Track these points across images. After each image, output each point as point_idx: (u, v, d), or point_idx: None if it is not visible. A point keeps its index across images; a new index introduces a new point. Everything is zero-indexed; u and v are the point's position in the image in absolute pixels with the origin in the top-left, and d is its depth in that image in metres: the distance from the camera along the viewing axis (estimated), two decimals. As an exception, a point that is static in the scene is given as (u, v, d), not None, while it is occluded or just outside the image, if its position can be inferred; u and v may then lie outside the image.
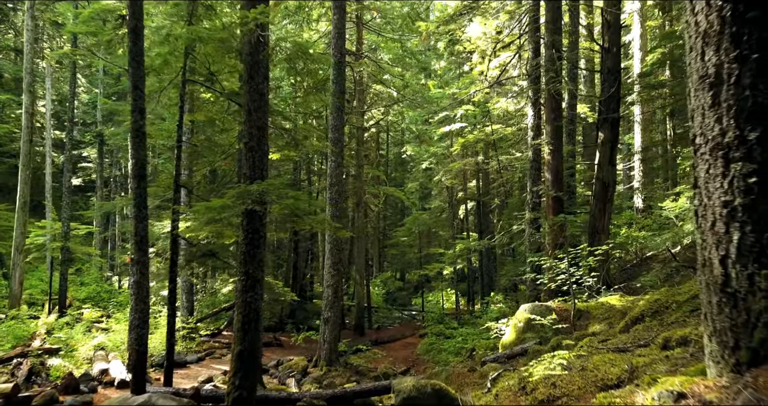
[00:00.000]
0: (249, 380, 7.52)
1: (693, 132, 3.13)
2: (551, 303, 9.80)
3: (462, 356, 16.27)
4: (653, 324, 6.01)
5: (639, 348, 4.80)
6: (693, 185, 3.11)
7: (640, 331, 5.88)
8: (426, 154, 25.32)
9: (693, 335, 3.92)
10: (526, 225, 14.06)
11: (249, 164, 7.85)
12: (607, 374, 3.91)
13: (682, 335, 4.05)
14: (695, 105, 3.11)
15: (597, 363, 4.25)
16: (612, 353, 4.65)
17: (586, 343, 6.08)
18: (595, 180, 13.60)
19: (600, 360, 4.31)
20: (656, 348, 4.25)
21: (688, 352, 3.71)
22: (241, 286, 7.75)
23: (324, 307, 14.99)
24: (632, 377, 3.71)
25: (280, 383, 13.53)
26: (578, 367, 4.27)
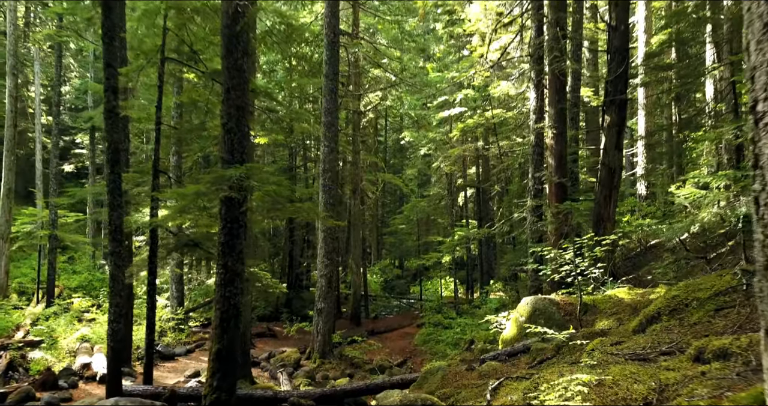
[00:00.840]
0: (228, 382, 6.89)
1: (753, 96, 2.42)
2: (555, 296, 9.14)
3: (460, 347, 15.68)
4: (672, 324, 5.35)
5: (662, 356, 4.14)
6: (753, 165, 2.41)
7: (659, 332, 5.21)
8: (424, 140, 24.55)
9: (734, 347, 3.27)
10: (528, 213, 13.37)
11: (227, 147, 7.15)
12: (630, 392, 3.25)
13: (721, 347, 3.38)
14: (757, 62, 2.40)
15: (616, 377, 3.59)
16: (632, 364, 3.99)
17: (597, 345, 5.42)
18: (601, 166, 12.88)
19: (619, 373, 3.65)
20: (686, 360, 3.58)
21: (730, 369, 3.06)
22: (219, 280, 7.09)
23: (317, 297, 14.37)
24: (662, 397, 3.06)
25: (270, 377, 12.94)
26: (593, 381, 3.61)
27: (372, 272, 31.50)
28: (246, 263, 9.97)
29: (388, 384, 8.33)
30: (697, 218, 8.86)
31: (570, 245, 8.62)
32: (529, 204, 13.39)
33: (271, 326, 19.33)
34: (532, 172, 13.48)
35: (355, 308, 20.51)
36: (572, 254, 8.66)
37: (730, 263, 9.29)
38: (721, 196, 7.96)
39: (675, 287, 6.29)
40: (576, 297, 9.03)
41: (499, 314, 10.24)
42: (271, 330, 18.05)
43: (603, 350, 4.99)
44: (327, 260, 14.27)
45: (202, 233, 9.52)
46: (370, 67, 22.67)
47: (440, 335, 16.86)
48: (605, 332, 6.94)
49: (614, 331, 6.93)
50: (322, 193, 14.41)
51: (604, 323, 7.74)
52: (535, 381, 4.11)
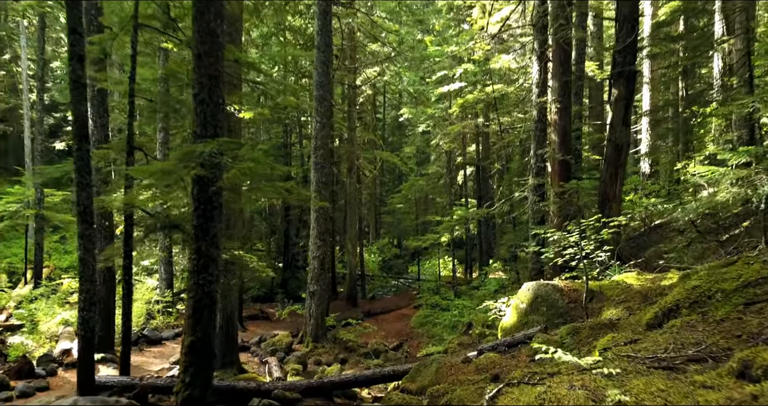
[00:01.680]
0: (202, 377, 6.27)
1: None
2: (558, 281, 8.49)
3: (458, 331, 15.15)
4: (694, 320, 4.69)
5: (692, 364, 3.48)
6: None
7: (680, 330, 4.56)
8: (423, 117, 23.70)
9: (794, 363, 2.62)
10: (529, 192, 12.67)
11: (199, 120, 6.41)
12: (663, 420, 2.61)
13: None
14: None
15: (641, 394, 2.93)
16: (657, 374, 3.33)
17: (609, 343, 4.76)
18: (607, 142, 12.13)
19: (644, 389, 2.99)
20: (726, 375, 2.92)
21: (793, 394, 2.41)
22: (192, 266, 6.43)
23: (310, 279, 13.76)
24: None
25: (261, 362, 12.40)
26: (611, 400, 2.96)
27: (370, 251, 30.92)
28: (232, 246, 9.33)
29: (379, 376, 7.74)
30: (715, 197, 8.16)
31: (575, 227, 7.93)
32: (530, 183, 12.68)
33: (265, 307, 18.79)
34: (534, 149, 12.74)
35: (351, 288, 19.95)
36: (577, 236, 7.98)
37: (746, 246, 8.63)
38: (741, 173, 7.25)
39: (695, 275, 5.62)
40: (581, 283, 8.39)
41: (498, 300, 9.62)
42: (264, 312, 17.50)
43: (617, 350, 4.33)
44: (319, 241, 13.62)
45: (181, 214, 8.84)
46: (367, 42, 21.73)
47: (437, 318, 16.32)
48: (614, 324, 6.29)
49: (624, 322, 6.28)
50: (314, 172, 13.69)
51: (612, 312, 7.10)
52: (540, 397, 3.45)
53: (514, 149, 22.93)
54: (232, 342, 10.93)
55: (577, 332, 6.42)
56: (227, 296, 10.88)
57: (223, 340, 10.80)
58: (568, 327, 6.60)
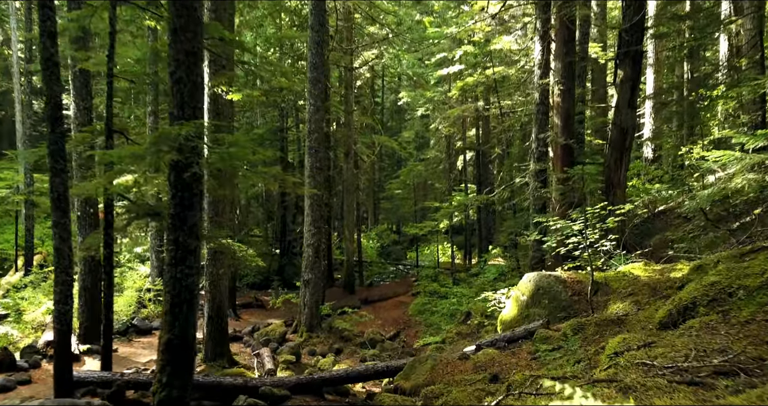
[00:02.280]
0: (180, 378, 5.83)
1: None
2: (561, 272, 8.03)
3: (456, 320, 14.74)
4: (715, 321, 4.22)
5: (720, 378, 3.02)
6: None
7: (699, 332, 4.09)
8: (422, 100, 23.07)
9: None
10: (530, 178, 12.17)
11: (176, 101, 5.88)
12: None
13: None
14: None
15: (665, 419, 2.48)
16: (681, 392, 2.86)
17: (621, 346, 4.30)
18: (612, 126, 11.60)
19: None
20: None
21: None
22: (169, 258, 5.94)
23: (304, 268, 13.32)
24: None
25: (253, 353, 12.00)
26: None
27: (368, 237, 30.47)
28: (220, 234, 8.85)
29: (372, 372, 7.32)
30: (730, 184, 7.66)
31: (579, 215, 7.45)
32: (531, 168, 12.17)
33: (260, 295, 18.40)
34: (535, 132, 12.20)
35: (349, 275, 19.54)
36: (582, 225, 7.50)
37: (760, 235, 8.15)
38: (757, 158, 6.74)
39: (712, 269, 5.14)
40: (585, 274, 7.93)
41: (497, 291, 9.16)
42: (259, 300, 17.09)
43: (630, 356, 3.87)
44: (314, 228, 13.15)
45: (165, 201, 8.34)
46: (365, 23, 21.04)
47: (435, 306, 15.92)
48: (622, 321, 5.84)
49: (633, 319, 5.83)
50: (309, 157, 13.19)
51: (619, 306, 6.65)
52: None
53: (515, 134, 22.36)
54: (222, 333, 10.52)
55: (582, 329, 5.98)
56: (216, 286, 10.45)
57: (213, 331, 10.40)
58: (573, 323, 6.15)
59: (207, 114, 10.43)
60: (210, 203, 10.37)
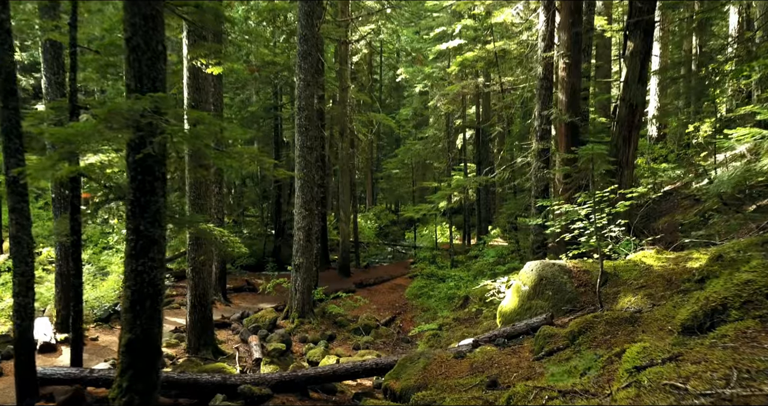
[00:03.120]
0: (143, 382, 5.21)
1: None
2: (566, 261, 7.36)
3: (454, 304, 14.17)
4: (752, 329, 3.56)
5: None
6: None
7: (735, 342, 3.43)
8: (420, 76, 22.18)
9: None
10: (533, 157, 11.45)
11: (133, 72, 5.15)
12: None
13: None
14: None
15: None
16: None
17: (640, 356, 3.64)
18: (620, 102, 10.84)
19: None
20: None
21: None
22: (128, 249, 5.27)
23: (295, 252, 12.68)
24: None
25: (242, 340, 11.44)
26: None
27: (366, 218, 29.83)
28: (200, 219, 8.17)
29: (360, 369, 6.71)
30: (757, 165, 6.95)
31: (587, 199, 6.75)
32: (534, 147, 11.44)
33: (254, 277, 17.80)
34: (538, 109, 11.43)
35: (344, 258, 18.92)
36: (589, 209, 6.81)
37: (782, 221, 7.48)
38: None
39: (747, 265, 4.46)
40: (592, 262, 7.27)
41: (497, 279, 8.51)
42: (251, 284, 16.49)
43: (655, 374, 3.21)
44: (305, 210, 12.47)
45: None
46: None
47: (432, 290, 15.34)
48: (637, 319, 5.18)
49: (649, 317, 5.17)
50: (298, 135, 12.44)
51: (630, 299, 6.00)
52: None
53: (516, 111, 21.51)
54: (207, 322, 9.92)
55: (591, 327, 5.33)
56: (199, 272, 9.82)
57: (196, 320, 9.81)
58: (580, 320, 5.50)
59: (186, 89, 9.69)
60: (191, 185, 9.68)
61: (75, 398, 6.17)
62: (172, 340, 10.28)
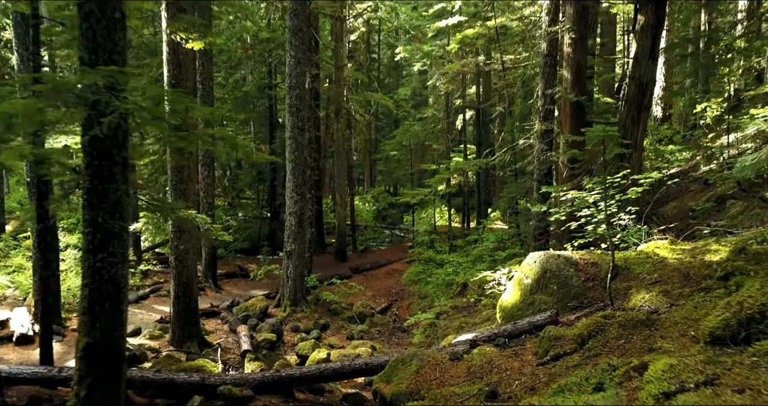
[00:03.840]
0: (104, 391, 4.66)
1: None
2: (572, 252, 6.77)
3: (452, 291, 13.66)
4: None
5: None
6: None
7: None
8: (419, 55, 21.36)
9: None
10: (535, 139, 10.79)
11: (86, 42, 4.50)
12: None
13: None
14: None
15: None
16: None
17: (667, 377, 3.07)
18: (629, 79, 10.16)
19: None
20: None
21: None
22: (86, 243, 4.69)
23: (287, 238, 12.12)
24: None
25: (230, 330, 10.94)
26: None
27: (365, 200, 29.23)
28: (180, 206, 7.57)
29: (349, 370, 6.17)
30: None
31: (597, 184, 6.14)
32: (536, 128, 10.78)
33: (247, 262, 17.27)
34: (542, 88, 10.73)
35: (340, 242, 18.37)
36: (598, 196, 6.20)
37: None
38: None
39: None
40: (600, 254, 6.69)
41: (497, 271, 7.93)
42: (243, 270, 15.95)
43: (690, 403, 2.64)
44: (296, 194, 11.87)
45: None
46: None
47: (430, 276, 14.81)
48: (654, 322, 4.61)
49: (667, 319, 4.60)
50: (289, 116, 11.78)
51: (644, 296, 5.42)
52: None
53: (517, 91, 20.76)
54: (191, 312, 9.39)
55: (603, 330, 4.76)
56: (183, 261, 9.25)
57: (180, 311, 9.28)
58: (590, 322, 4.93)
59: (166, 66, 9.01)
60: (173, 169, 9.07)
61: (32, 404, 5.64)
62: (155, 331, 9.76)
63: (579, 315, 5.84)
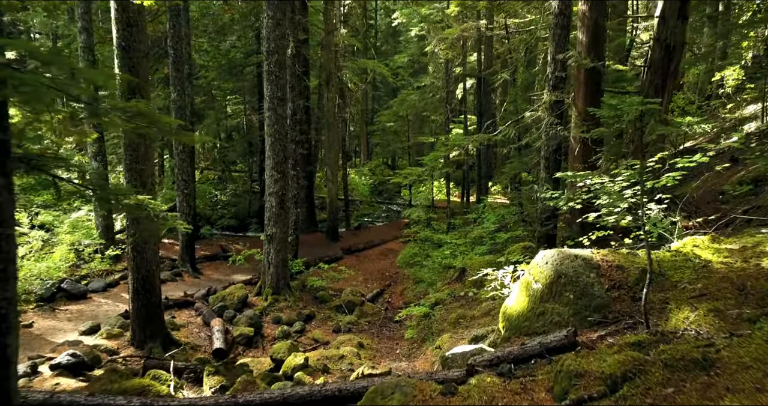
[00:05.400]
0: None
1: None
2: (591, 251, 5.50)
3: (449, 275, 12.51)
4: None
5: None
6: None
7: None
8: (416, 18, 19.70)
9: None
10: (544, 111, 9.42)
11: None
12: None
13: None
14: None
15: None
16: None
17: None
18: (654, 42, 8.75)
19: None
20: None
21: None
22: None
23: (267, 220, 10.91)
24: None
25: (204, 323, 9.83)
26: None
27: (361, 174, 27.90)
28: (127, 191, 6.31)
29: (319, 397, 5.01)
30: None
31: (625, 170, 4.86)
32: (545, 98, 9.39)
33: (231, 242, 16.09)
34: (552, 53, 9.30)
35: (332, 220, 17.16)
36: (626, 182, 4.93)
37: None
38: None
39: None
40: (627, 254, 5.43)
41: (499, 271, 6.67)
42: (226, 251, 14.76)
43: None
44: (276, 173, 10.58)
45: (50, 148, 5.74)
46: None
47: (426, 258, 13.64)
48: (713, 363, 3.40)
49: (733, 358, 3.38)
50: (267, 84, 10.40)
51: (688, 316, 4.20)
52: None
53: (519, 60, 19.16)
54: (154, 308, 8.23)
55: (642, 372, 3.55)
56: (141, 251, 8.04)
57: (140, 307, 8.12)
58: (624, 359, 3.72)
59: (115, 26, 7.61)
60: (127, 147, 7.78)
61: None
62: (115, 328, 8.62)
63: (603, 334, 4.64)
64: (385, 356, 9.05)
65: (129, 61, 7.59)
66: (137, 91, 7.65)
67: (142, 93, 7.70)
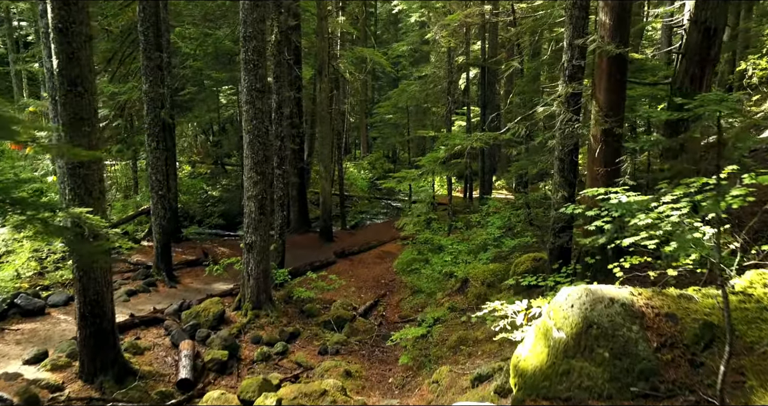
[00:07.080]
0: None
1: None
2: (632, 292, 4.20)
3: (450, 285, 11.27)
4: None
5: None
6: None
7: None
8: (416, 4, 18.26)
9: None
10: (559, 105, 8.09)
11: None
12: None
13: None
14: None
15: None
16: None
17: None
18: (690, 25, 7.39)
19: None
20: None
21: None
22: None
23: (246, 227, 9.68)
24: None
25: (172, 345, 8.61)
26: None
27: (360, 167, 26.57)
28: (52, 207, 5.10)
29: None
30: None
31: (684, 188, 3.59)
32: (561, 91, 8.06)
33: (216, 245, 14.85)
34: (569, 37, 7.94)
35: (326, 220, 15.89)
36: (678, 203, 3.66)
37: None
38: None
39: None
40: (678, 297, 4.12)
41: (508, 307, 5.36)
42: (208, 254, 13.45)
43: None
44: (256, 174, 9.30)
45: None
46: None
47: (424, 265, 12.35)
48: None
49: None
50: (244, 74, 9.09)
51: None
52: None
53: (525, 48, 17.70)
54: (104, 336, 7.02)
55: None
56: (88, 272, 6.79)
57: (88, 336, 6.91)
58: None
59: (50, 4, 6.31)
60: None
61: None
62: (63, 358, 7.37)
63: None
64: (375, 387, 7.83)
65: (68, 47, 6.30)
66: (78, 82, 6.38)
67: (84, 84, 6.42)
